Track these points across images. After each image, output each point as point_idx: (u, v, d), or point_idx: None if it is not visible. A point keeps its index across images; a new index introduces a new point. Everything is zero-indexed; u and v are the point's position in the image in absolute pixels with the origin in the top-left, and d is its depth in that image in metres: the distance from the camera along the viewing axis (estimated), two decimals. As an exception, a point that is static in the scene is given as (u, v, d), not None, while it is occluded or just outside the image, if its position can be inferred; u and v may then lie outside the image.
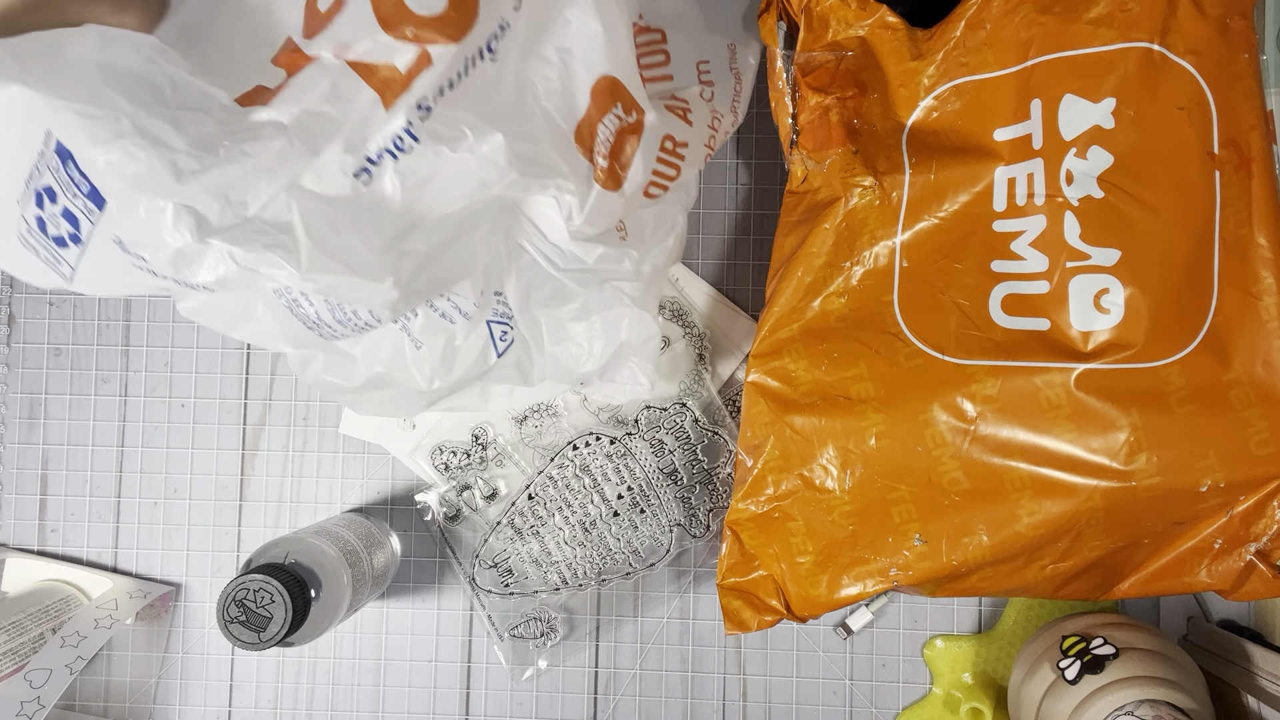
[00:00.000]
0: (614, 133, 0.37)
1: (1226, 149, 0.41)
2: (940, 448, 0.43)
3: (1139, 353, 0.41)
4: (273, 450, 0.57)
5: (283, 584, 0.43)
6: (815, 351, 0.46)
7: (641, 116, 0.38)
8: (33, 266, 0.33)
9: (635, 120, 0.38)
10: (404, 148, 0.31)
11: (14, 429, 0.58)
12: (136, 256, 0.31)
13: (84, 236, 0.31)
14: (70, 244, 0.32)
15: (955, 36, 0.44)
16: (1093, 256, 0.42)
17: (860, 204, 0.47)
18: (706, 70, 0.46)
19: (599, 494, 0.55)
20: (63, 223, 0.31)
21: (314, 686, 0.56)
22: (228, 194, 0.30)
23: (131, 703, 0.56)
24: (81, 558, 0.57)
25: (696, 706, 0.55)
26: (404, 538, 0.57)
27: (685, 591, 0.56)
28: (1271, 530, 0.41)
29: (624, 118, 0.37)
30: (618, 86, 0.37)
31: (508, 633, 0.55)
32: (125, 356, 0.58)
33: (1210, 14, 0.41)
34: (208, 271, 0.31)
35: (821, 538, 0.46)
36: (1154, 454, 0.40)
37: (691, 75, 0.46)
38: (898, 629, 0.55)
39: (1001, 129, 0.44)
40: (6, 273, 0.58)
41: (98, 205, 0.30)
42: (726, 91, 0.48)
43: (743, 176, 0.57)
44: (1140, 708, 0.43)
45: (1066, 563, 0.43)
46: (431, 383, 0.43)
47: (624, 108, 0.37)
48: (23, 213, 0.32)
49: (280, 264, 0.31)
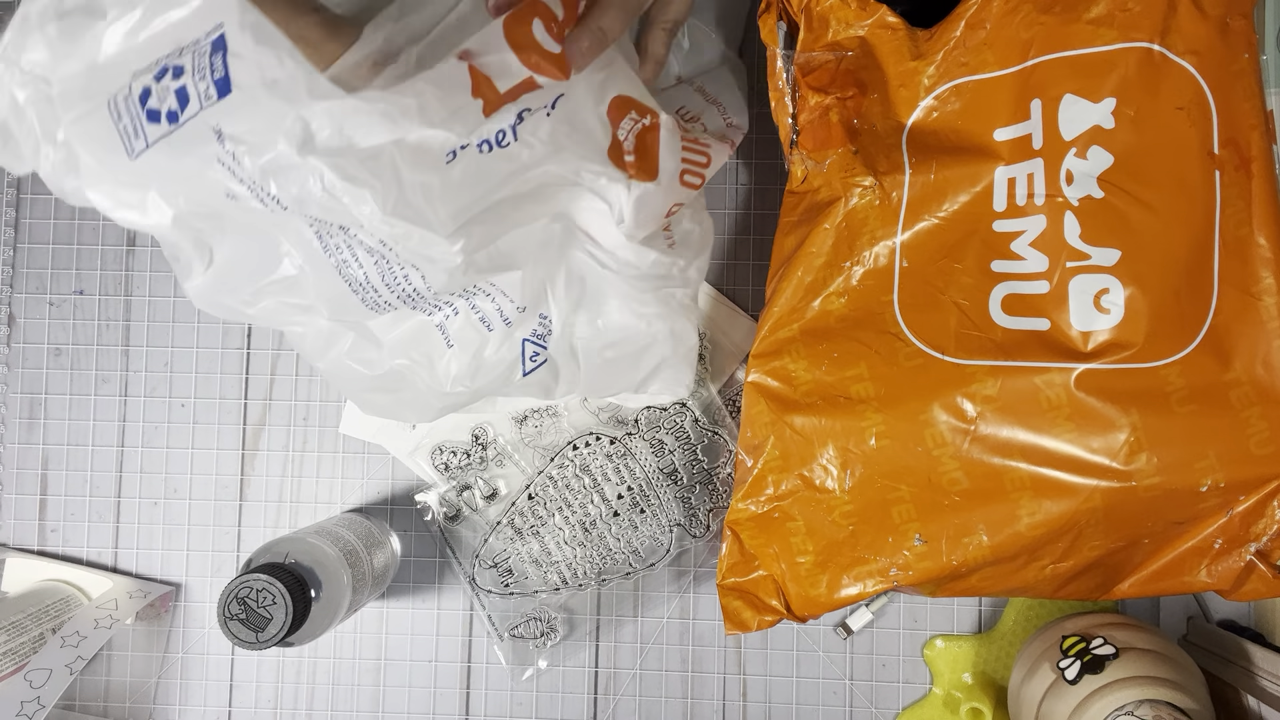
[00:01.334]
0: (633, 134, 0.41)
1: (1226, 149, 0.41)
2: (940, 448, 0.43)
3: (1139, 353, 0.41)
4: (273, 450, 0.57)
5: (284, 584, 0.43)
6: (815, 351, 0.46)
7: (656, 117, 0.41)
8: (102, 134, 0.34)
9: (651, 121, 0.41)
10: (504, 143, 0.36)
11: (14, 429, 0.58)
12: (229, 152, 0.32)
13: (183, 117, 0.32)
14: (164, 121, 0.33)
15: (955, 36, 0.44)
16: (1093, 256, 0.42)
17: (860, 204, 0.47)
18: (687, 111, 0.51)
19: (599, 494, 0.55)
20: (171, 98, 0.32)
21: (314, 686, 0.56)
22: (344, 125, 0.32)
23: (131, 703, 0.56)
24: (81, 558, 0.57)
25: (696, 706, 0.55)
26: (404, 538, 0.57)
27: (685, 591, 0.56)
28: (1271, 530, 0.41)
29: (639, 119, 0.41)
30: (627, 100, 0.41)
31: (508, 633, 0.55)
32: (125, 356, 0.58)
33: (1210, 14, 0.41)
34: (294, 185, 0.32)
35: (821, 538, 0.46)
36: (1154, 454, 0.40)
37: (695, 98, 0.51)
38: (898, 629, 0.55)
39: (1001, 129, 0.44)
40: (8, 272, 0.58)
41: (219, 93, 0.32)
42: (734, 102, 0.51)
43: (743, 176, 0.57)
44: (1140, 708, 0.43)
45: (1066, 563, 0.43)
46: (454, 385, 0.44)
47: (637, 113, 0.41)
48: (132, 81, 0.33)
49: (367, 200, 0.33)
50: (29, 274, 0.58)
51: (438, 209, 0.35)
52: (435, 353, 0.43)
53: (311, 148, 0.32)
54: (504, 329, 0.43)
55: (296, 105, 0.32)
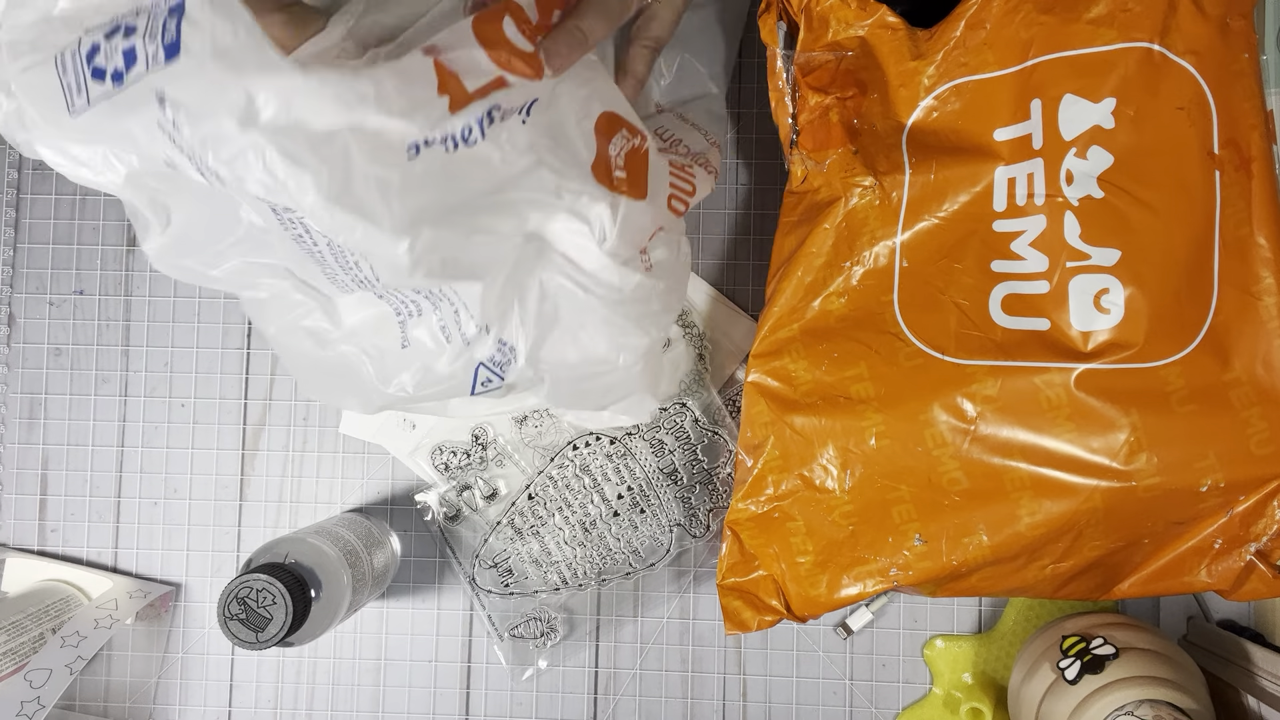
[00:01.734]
0: (624, 152, 0.40)
1: (1226, 149, 0.41)
2: (940, 448, 0.43)
3: (1139, 353, 0.41)
4: (273, 450, 0.57)
5: (284, 584, 0.43)
6: (815, 351, 0.46)
7: (644, 139, 0.41)
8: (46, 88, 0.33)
9: (640, 142, 0.41)
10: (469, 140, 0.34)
11: (14, 429, 0.58)
12: (170, 119, 0.31)
13: (128, 79, 0.31)
14: (108, 81, 0.32)
15: (955, 36, 0.44)
16: (1093, 256, 0.42)
17: (860, 204, 0.47)
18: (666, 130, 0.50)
19: (599, 494, 0.55)
20: (118, 57, 0.31)
21: (314, 686, 0.56)
22: (292, 104, 0.31)
23: (131, 703, 0.56)
24: (81, 558, 0.57)
25: (696, 706, 0.55)
26: (404, 538, 0.57)
27: (685, 591, 0.56)
28: (1271, 530, 0.41)
29: (630, 139, 0.41)
30: (616, 118, 0.40)
31: (508, 633, 0.55)
32: (125, 356, 0.58)
33: (1210, 14, 0.41)
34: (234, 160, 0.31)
35: (821, 538, 0.46)
36: (1154, 454, 0.40)
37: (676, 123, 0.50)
38: (898, 629, 0.55)
39: (1001, 129, 0.44)
40: (8, 272, 0.58)
41: (168, 57, 0.31)
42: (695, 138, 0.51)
43: (743, 176, 0.57)
44: (1140, 708, 0.43)
45: (1066, 563, 0.43)
46: (396, 389, 0.42)
47: (628, 132, 0.41)
48: (83, 35, 0.32)
49: (308, 188, 0.32)
50: (29, 274, 0.58)
51: (392, 204, 0.34)
52: (388, 350, 0.42)
53: (254, 122, 0.31)
54: (461, 346, 0.41)
55: (243, 77, 0.31)
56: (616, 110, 0.40)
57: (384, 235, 0.34)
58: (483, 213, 0.38)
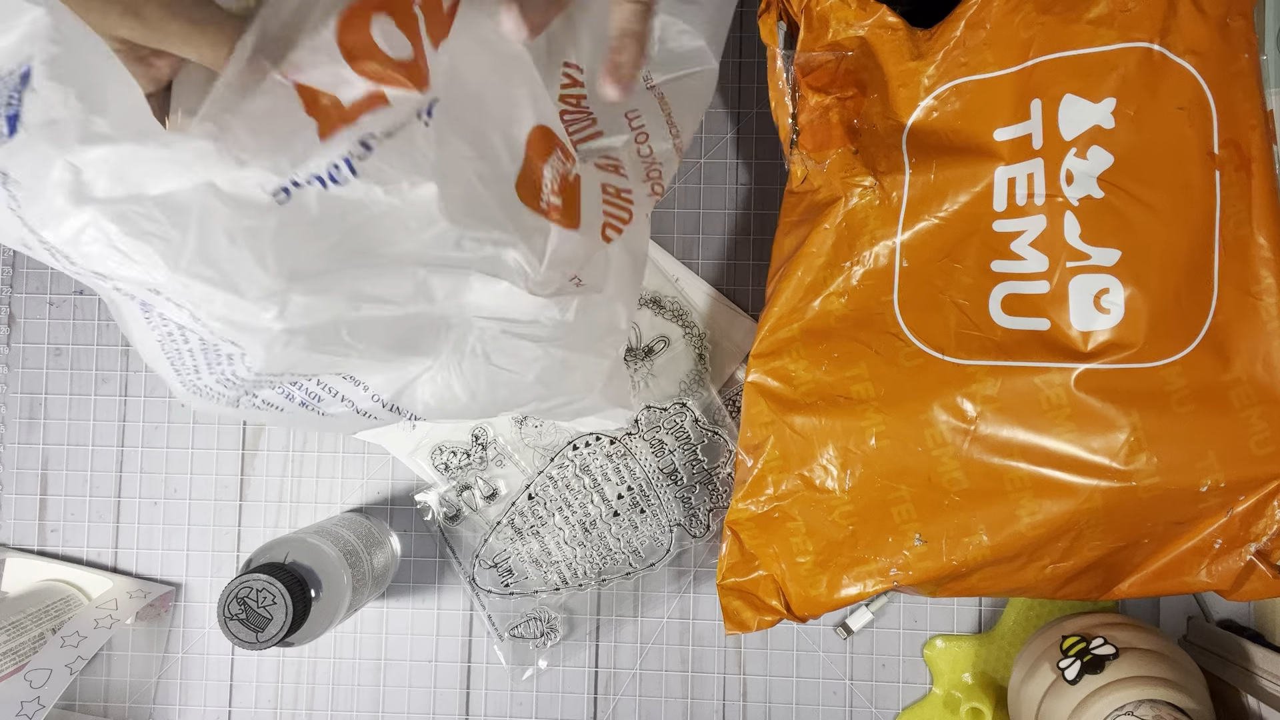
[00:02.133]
0: (558, 176, 0.37)
1: (1226, 149, 0.41)
2: (940, 448, 0.43)
3: (1139, 353, 0.41)
4: (273, 450, 0.57)
5: (284, 584, 0.43)
6: (815, 351, 0.46)
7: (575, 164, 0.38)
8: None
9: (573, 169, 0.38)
10: (339, 179, 0.30)
11: (14, 429, 0.58)
12: (13, 196, 0.29)
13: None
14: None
15: (955, 36, 0.44)
16: (1093, 256, 0.42)
17: (860, 204, 0.47)
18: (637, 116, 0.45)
19: (599, 494, 0.55)
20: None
21: (314, 686, 0.56)
22: (124, 172, 0.28)
23: (131, 703, 0.56)
24: (81, 558, 0.57)
25: (696, 706, 0.55)
26: (404, 538, 0.57)
27: (685, 591, 0.56)
28: (1271, 530, 0.41)
29: (564, 163, 0.37)
30: (550, 135, 0.36)
31: (508, 633, 0.55)
32: (125, 356, 0.58)
33: (1210, 14, 0.41)
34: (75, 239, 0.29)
35: (821, 538, 0.46)
36: (1154, 454, 0.40)
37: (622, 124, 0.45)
38: (898, 629, 0.55)
39: (1001, 129, 0.44)
40: (8, 272, 0.58)
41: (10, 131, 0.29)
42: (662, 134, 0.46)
43: (743, 176, 0.57)
44: (1140, 708, 0.43)
45: (1066, 563, 0.43)
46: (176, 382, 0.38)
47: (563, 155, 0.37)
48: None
49: (154, 259, 0.28)
50: (29, 274, 0.58)
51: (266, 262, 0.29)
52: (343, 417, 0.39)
53: (88, 197, 0.28)
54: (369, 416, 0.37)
55: (65, 151, 0.28)
56: (553, 128, 0.36)
57: (244, 302, 0.30)
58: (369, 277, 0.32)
